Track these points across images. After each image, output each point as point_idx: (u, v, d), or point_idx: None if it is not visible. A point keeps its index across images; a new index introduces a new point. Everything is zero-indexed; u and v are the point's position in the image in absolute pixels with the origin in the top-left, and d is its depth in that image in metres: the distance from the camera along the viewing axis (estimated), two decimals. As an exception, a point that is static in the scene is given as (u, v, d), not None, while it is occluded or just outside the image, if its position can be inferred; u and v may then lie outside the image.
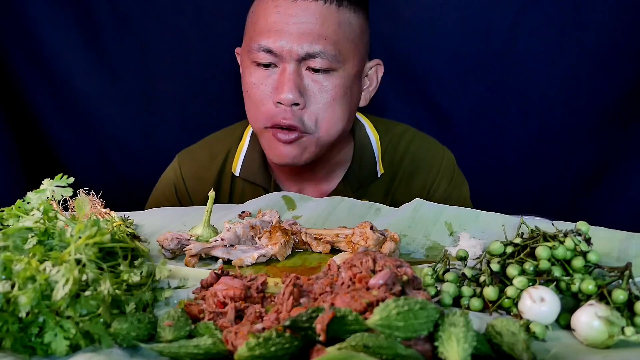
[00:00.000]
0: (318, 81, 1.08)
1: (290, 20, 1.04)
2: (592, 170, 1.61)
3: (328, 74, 1.08)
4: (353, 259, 0.65)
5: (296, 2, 1.05)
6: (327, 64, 1.07)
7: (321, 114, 1.09)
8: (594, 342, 0.59)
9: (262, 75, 1.08)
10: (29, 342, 0.57)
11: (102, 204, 0.95)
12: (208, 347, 0.56)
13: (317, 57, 1.06)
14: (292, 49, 1.05)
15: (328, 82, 1.08)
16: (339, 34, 1.07)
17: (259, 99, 1.09)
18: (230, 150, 1.28)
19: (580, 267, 0.68)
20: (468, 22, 1.52)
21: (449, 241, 0.90)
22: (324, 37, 1.05)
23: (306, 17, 1.05)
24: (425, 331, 0.52)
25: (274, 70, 1.08)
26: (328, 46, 1.06)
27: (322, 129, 1.11)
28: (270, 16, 1.06)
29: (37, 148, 1.62)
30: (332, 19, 1.06)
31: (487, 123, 1.61)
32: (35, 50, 1.55)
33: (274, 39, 1.05)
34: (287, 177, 1.26)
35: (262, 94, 1.09)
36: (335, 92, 1.09)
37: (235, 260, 0.82)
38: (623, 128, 1.55)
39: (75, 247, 0.61)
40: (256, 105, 1.10)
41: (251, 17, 1.11)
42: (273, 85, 1.08)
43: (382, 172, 1.27)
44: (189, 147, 1.34)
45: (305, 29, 1.04)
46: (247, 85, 1.11)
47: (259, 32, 1.07)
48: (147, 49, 1.58)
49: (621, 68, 1.50)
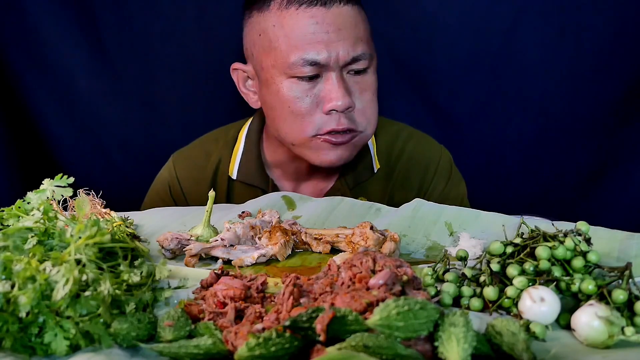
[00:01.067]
0: (358, 82, 1.10)
1: (329, 28, 1.04)
2: (592, 170, 1.61)
3: (365, 73, 1.11)
4: (353, 259, 0.65)
5: (330, 10, 1.05)
6: (367, 64, 1.09)
7: (368, 111, 1.12)
8: (594, 342, 0.59)
9: (305, 88, 1.07)
10: (29, 342, 0.57)
11: (102, 204, 0.95)
12: (208, 347, 0.56)
13: (360, 60, 1.08)
14: (338, 57, 1.05)
15: (365, 80, 1.11)
16: (367, 33, 1.11)
17: (305, 111, 1.08)
18: (224, 153, 1.28)
19: (580, 267, 0.68)
20: (468, 22, 1.52)
21: (449, 241, 0.90)
22: (360, 39, 1.08)
23: (342, 23, 1.05)
24: (425, 331, 0.52)
25: (317, 81, 1.07)
26: (365, 47, 1.08)
27: (371, 124, 1.14)
28: (307, 27, 1.04)
29: (37, 148, 1.62)
30: (360, 20, 1.09)
31: (487, 123, 1.61)
32: (35, 50, 1.54)
33: (319, 49, 1.04)
34: (284, 177, 1.27)
35: (308, 106, 1.08)
36: (372, 88, 1.13)
37: (235, 260, 0.82)
38: (623, 128, 1.55)
39: (75, 247, 0.61)
40: (302, 117, 1.09)
41: (275, 32, 1.06)
42: (318, 95, 1.07)
43: (378, 167, 1.28)
44: (182, 148, 1.34)
45: (345, 35, 1.05)
46: (287, 100, 1.08)
47: (297, 46, 1.04)
48: (148, 49, 1.58)
49: (621, 68, 1.50)
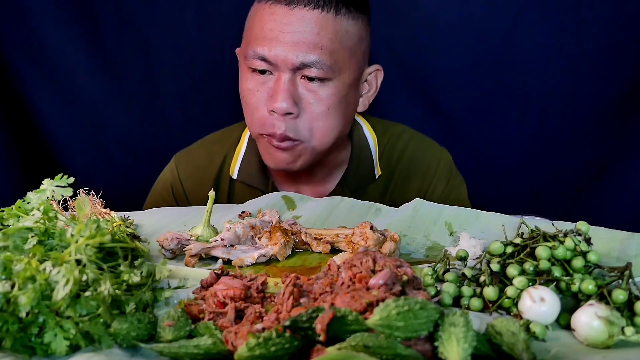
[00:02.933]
0: (313, 90, 1.06)
1: (285, 28, 1.03)
2: (592, 170, 1.61)
3: (323, 83, 1.06)
4: (353, 259, 0.65)
5: (292, 10, 1.03)
6: (323, 73, 1.05)
7: (315, 123, 1.08)
8: (594, 342, 0.59)
9: (257, 82, 1.08)
10: (29, 342, 0.57)
11: (102, 204, 0.95)
12: (208, 347, 0.56)
13: (313, 67, 1.04)
14: (286, 58, 1.03)
15: (323, 91, 1.06)
16: (335, 43, 1.05)
17: (254, 106, 1.09)
18: (228, 153, 1.28)
19: (580, 267, 0.68)
20: (468, 22, 1.52)
21: (449, 241, 0.90)
22: (319, 47, 1.03)
23: (302, 26, 1.03)
24: (425, 331, 0.52)
25: (270, 78, 1.07)
26: (324, 56, 1.04)
27: (316, 137, 1.10)
28: (266, 23, 1.04)
29: (38, 148, 1.62)
30: (329, 28, 1.04)
31: (487, 123, 1.61)
32: (36, 50, 1.55)
33: (269, 47, 1.03)
34: (284, 179, 1.26)
35: (257, 100, 1.08)
36: (330, 101, 1.07)
37: (235, 260, 0.82)
38: (623, 128, 1.55)
39: (76, 247, 0.61)
40: (251, 111, 1.10)
41: (248, 22, 1.10)
42: (268, 92, 1.07)
43: (379, 173, 1.26)
44: (186, 148, 1.33)
45: (300, 38, 1.02)
46: (244, 90, 1.10)
47: (254, 39, 1.06)
48: (150, 49, 1.59)
49: (620, 68, 1.50)
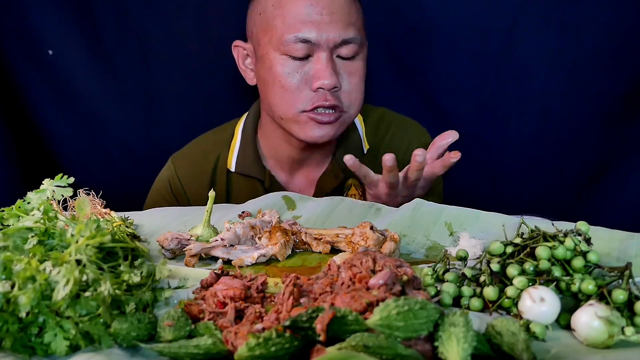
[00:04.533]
0: (347, 65, 1.17)
1: (323, 11, 1.12)
2: (592, 170, 1.61)
3: (353, 59, 1.17)
4: (353, 259, 0.65)
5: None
6: (356, 49, 1.16)
7: (353, 94, 1.19)
8: (594, 342, 0.59)
9: (296, 65, 1.14)
10: (29, 342, 0.57)
11: (102, 204, 0.95)
12: (208, 347, 0.56)
13: (350, 44, 1.14)
14: (329, 38, 1.12)
15: (354, 65, 1.18)
16: (359, 19, 1.18)
17: (294, 87, 1.15)
18: (223, 148, 1.33)
19: (580, 267, 0.68)
20: (468, 22, 1.52)
21: (449, 241, 0.90)
22: (352, 24, 1.15)
23: (336, 6, 1.13)
24: (425, 331, 0.52)
25: (308, 60, 1.14)
26: (356, 32, 1.15)
27: (354, 106, 1.20)
28: (301, 8, 1.12)
29: (37, 148, 1.62)
30: (353, 8, 1.16)
31: (487, 123, 1.61)
32: (36, 50, 1.54)
33: (311, 29, 1.11)
34: (280, 166, 1.31)
35: (298, 82, 1.15)
36: (360, 74, 1.19)
37: (235, 260, 0.82)
38: (623, 128, 1.55)
39: (76, 247, 0.61)
40: (291, 92, 1.16)
41: (274, 12, 1.15)
42: (309, 72, 1.14)
43: (367, 147, 1.34)
44: (180, 149, 1.38)
45: (337, 18, 1.12)
46: (279, 75, 1.15)
47: (291, 25, 1.12)
48: (148, 49, 1.58)
49: (621, 68, 1.50)
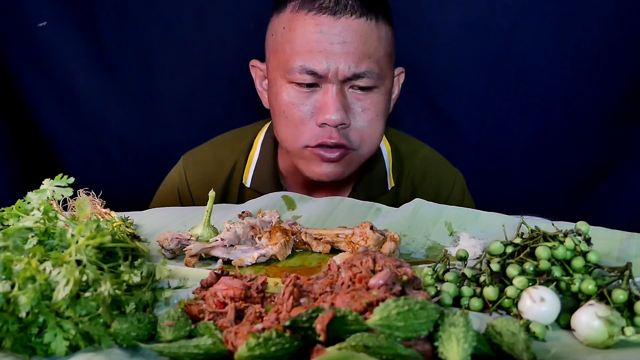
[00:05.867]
0: (361, 99, 1.05)
1: (334, 39, 0.99)
2: (593, 170, 1.61)
3: (370, 92, 1.05)
4: (353, 259, 0.65)
5: (339, 20, 0.99)
6: (372, 82, 1.04)
7: (366, 131, 1.07)
8: (594, 342, 0.59)
9: (302, 96, 1.04)
10: (28, 342, 0.57)
11: (102, 204, 0.95)
12: (208, 347, 0.56)
13: (363, 77, 1.02)
14: (338, 70, 1.00)
15: (370, 99, 1.05)
16: (380, 50, 1.04)
17: (298, 119, 1.05)
18: (239, 159, 1.25)
19: (580, 267, 0.68)
20: (468, 22, 1.52)
21: (449, 241, 0.90)
22: (367, 56, 1.02)
23: (349, 35, 1.00)
24: (425, 331, 0.52)
25: (316, 90, 1.03)
26: (372, 65, 1.02)
27: (366, 145, 1.09)
28: (311, 35, 1.00)
29: (37, 148, 1.62)
30: (373, 36, 1.02)
31: (487, 123, 1.61)
32: (36, 50, 1.55)
33: (319, 60, 1.00)
34: (296, 187, 1.23)
35: (302, 114, 1.04)
36: (377, 108, 1.06)
37: (235, 260, 0.82)
38: (623, 128, 1.55)
39: (76, 247, 0.61)
40: (295, 125, 1.05)
41: (284, 34, 1.04)
42: (315, 105, 1.03)
43: (392, 185, 1.24)
44: (194, 149, 1.30)
45: (349, 49, 1.00)
46: (284, 105, 1.05)
47: (298, 52, 1.01)
48: (149, 49, 1.58)
49: (621, 68, 1.50)
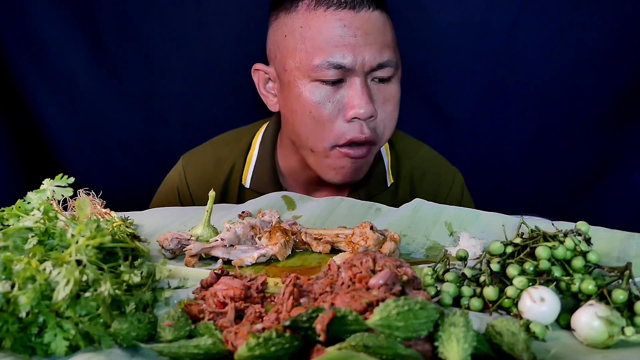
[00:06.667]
0: (382, 90, 1.06)
1: (357, 32, 1.01)
2: (592, 170, 1.61)
3: (389, 82, 1.07)
4: (353, 259, 0.65)
5: (358, 14, 1.01)
6: (392, 71, 1.06)
7: (387, 123, 1.08)
8: (594, 342, 0.59)
9: (328, 93, 1.04)
10: (28, 342, 0.57)
11: (102, 204, 0.95)
12: (208, 347, 0.56)
13: (386, 67, 1.04)
14: (364, 62, 1.02)
15: (389, 89, 1.07)
16: (393, 41, 1.07)
17: (327, 118, 1.05)
18: (237, 159, 1.25)
19: (580, 267, 0.68)
20: (468, 22, 1.52)
21: (449, 241, 0.90)
22: (387, 46, 1.04)
23: (370, 27, 1.02)
24: (425, 331, 0.52)
25: (341, 86, 1.04)
26: (391, 54, 1.05)
27: (384, 137, 1.10)
28: (334, 30, 1.01)
29: (38, 148, 1.62)
30: (388, 27, 1.06)
31: (487, 123, 1.61)
32: (36, 50, 1.54)
33: (344, 53, 1.01)
34: (297, 186, 1.24)
35: (330, 112, 1.04)
36: (395, 99, 1.08)
37: (235, 260, 0.82)
38: (623, 128, 1.55)
39: (76, 247, 0.61)
40: (323, 125, 1.05)
41: (302, 33, 1.04)
42: (341, 101, 1.04)
43: (391, 181, 1.25)
44: (194, 150, 1.31)
45: (372, 40, 1.02)
46: (309, 104, 1.04)
47: (322, 49, 1.02)
48: (150, 49, 1.58)
49: (621, 68, 1.50)
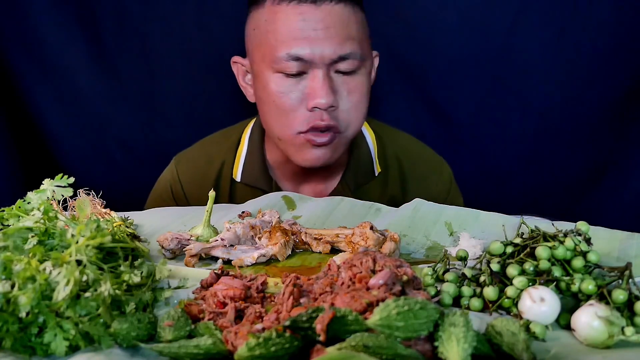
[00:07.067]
0: (346, 82, 1.08)
1: (317, 25, 1.03)
2: (592, 170, 1.61)
3: (354, 74, 1.09)
4: (353, 259, 0.65)
5: (320, 7, 1.04)
6: (356, 64, 1.07)
7: (352, 113, 1.11)
8: (594, 342, 0.59)
9: (289, 84, 1.07)
10: (29, 342, 0.57)
11: (102, 204, 0.95)
12: (208, 347, 0.56)
13: (348, 59, 1.06)
14: (323, 54, 1.04)
15: (354, 82, 1.09)
16: (360, 33, 1.09)
17: (289, 107, 1.08)
18: (227, 155, 1.28)
19: (580, 267, 0.68)
20: (468, 22, 1.52)
21: (449, 241, 0.90)
22: (350, 39, 1.06)
23: (332, 20, 1.04)
24: (425, 331, 0.52)
25: (303, 77, 1.07)
26: (355, 46, 1.07)
27: (352, 126, 1.12)
28: (294, 23, 1.04)
29: (38, 148, 1.62)
30: (353, 20, 1.07)
31: (486, 123, 1.61)
32: (36, 50, 1.54)
33: (303, 46, 1.03)
34: (288, 179, 1.26)
35: (292, 101, 1.07)
36: (361, 90, 1.10)
37: (235, 260, 0.82)
38: (623, 128, 1.55)
39: (76, 248, 0.61)
40: (286, 113, 1.08)
41: (266, 26, 1.07)
42: (303, 91, 1.07)
43: (379, 170, 1.27)
44: (184, 150, 1.34)
45: (332, 33, 1.04)
46: (273, 94, 1.08)
47: (283, 41, 1.04)
48: (149, 49, 1.58)
49: (620, 68, 1.50)
